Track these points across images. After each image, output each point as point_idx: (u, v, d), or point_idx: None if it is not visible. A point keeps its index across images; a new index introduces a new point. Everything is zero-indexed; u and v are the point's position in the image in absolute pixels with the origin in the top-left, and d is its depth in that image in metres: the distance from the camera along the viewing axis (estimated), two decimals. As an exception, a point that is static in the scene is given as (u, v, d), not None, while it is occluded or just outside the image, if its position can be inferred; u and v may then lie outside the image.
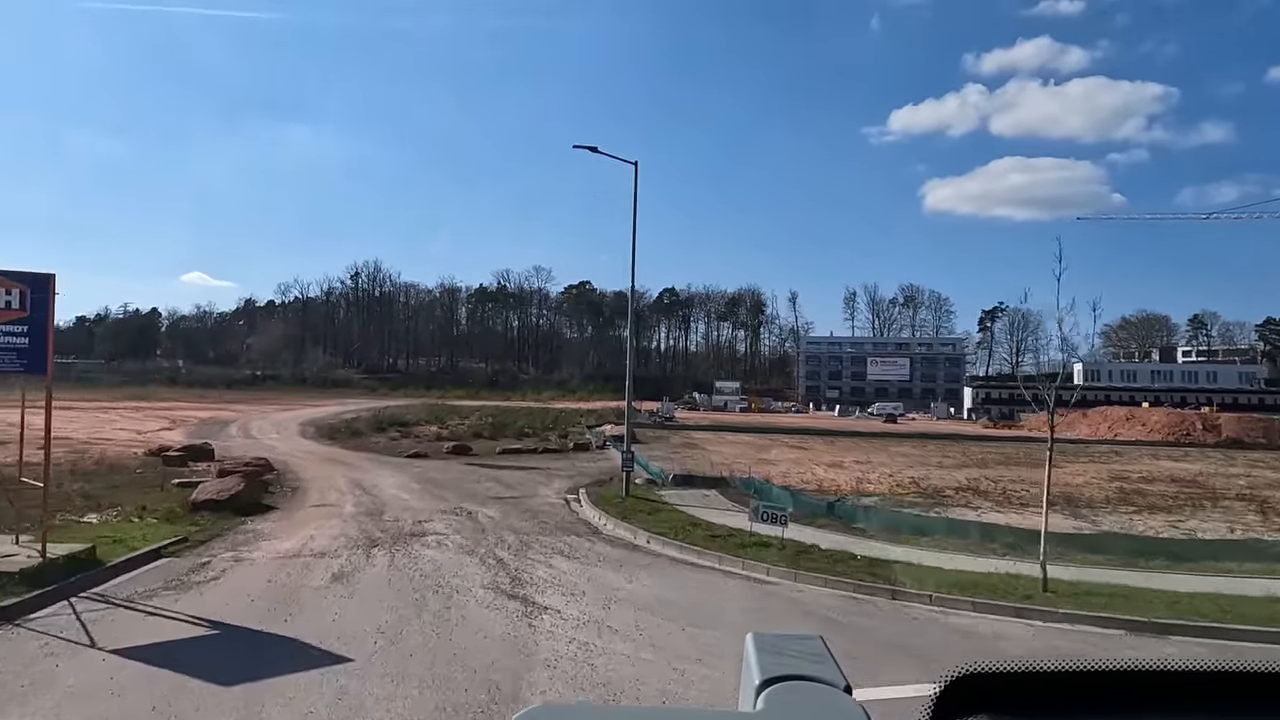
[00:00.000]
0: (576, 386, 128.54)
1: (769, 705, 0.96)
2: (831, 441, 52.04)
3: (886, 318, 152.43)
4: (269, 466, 26.94)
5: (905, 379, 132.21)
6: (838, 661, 1.06)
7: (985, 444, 54.75)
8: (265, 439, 40.10)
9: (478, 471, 29.68)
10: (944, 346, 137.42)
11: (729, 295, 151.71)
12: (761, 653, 1.06)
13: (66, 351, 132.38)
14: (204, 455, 29.26)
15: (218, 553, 14.66)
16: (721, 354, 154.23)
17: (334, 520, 18.15)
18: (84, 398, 73.68)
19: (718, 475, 27.87)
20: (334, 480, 24.98)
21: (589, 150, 22.62)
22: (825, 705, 0.97)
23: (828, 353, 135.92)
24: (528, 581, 13.05)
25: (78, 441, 35.16)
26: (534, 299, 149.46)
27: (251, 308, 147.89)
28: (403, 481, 25.35)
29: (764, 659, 1.05)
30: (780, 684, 0.99)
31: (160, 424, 46.46)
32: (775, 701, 0.96)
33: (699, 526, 18.25)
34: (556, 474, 29.59)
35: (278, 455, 32.17)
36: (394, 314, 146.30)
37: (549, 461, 34.91)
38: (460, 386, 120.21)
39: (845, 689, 1.00)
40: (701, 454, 41.22)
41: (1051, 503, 26.35)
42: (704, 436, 53.56)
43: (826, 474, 32.74)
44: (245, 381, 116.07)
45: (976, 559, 15.61)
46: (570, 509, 21.43)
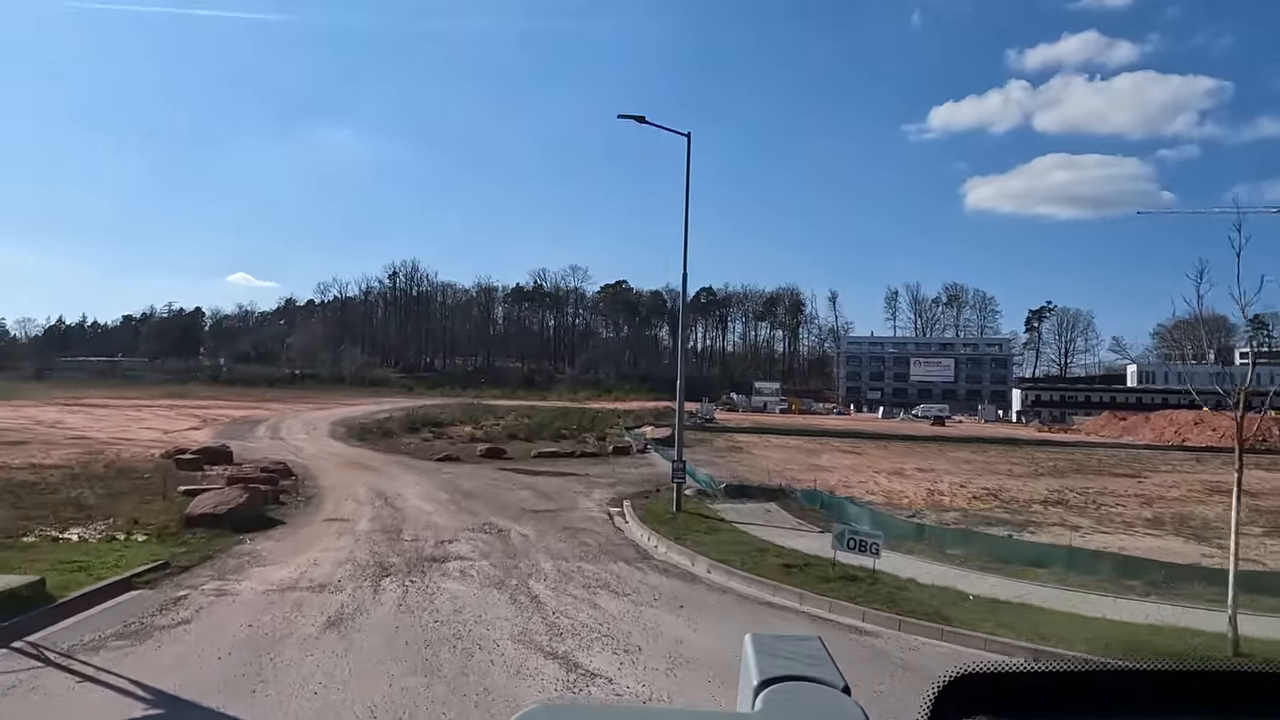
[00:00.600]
0: (612, 386, 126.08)
1: (767, 706, 0.95)
2: (884, 446, 48.66)
3: (929, 318, 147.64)
4: (286, 471, 24.63)
5: (949, 380, 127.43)
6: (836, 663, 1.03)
7: (1048, 449, 50.90)
8: (293, 439, 38.02)
9: (511, 478, 27.08)
10: (990, 347, 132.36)
11: (767, 295, 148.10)
12: (760, 653, 1.05)
13: (113, 350, 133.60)
14: (221, 458, 27.09)
15: (200, 583, 12.13)
16: (759, 354, 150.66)
17: (345, 539, 15.60)
18: (123, 395, 73.04)
19: (775, 485, 24.90)
20: (354, 488, 22.52)
21: (636, 120, 19.86)
22: (824, 706, 0.96)
23: (869, 353, 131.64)
24: (568, 630, 10.31)
25: (98, 441, 33.39)
26: (570, 298, 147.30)
27: (292, 307, 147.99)
28: (429, 490, 22.81)
29: (762, 659, 1.04)
30: (779, 684, 0.98)
31: (190, 423, 44.74)
32: (774, 702, 0.95)
33: (767, 552, 15.36)
34: (596, 482, 26.88)
35: (301, 458, 29.93)
36: (431, 313, 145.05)
37: (588, 467, 32.24)
38: (496, 386, 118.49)
39: (844, 689, 0.98)
40: (748, 459, 38.25)
41: (1161, 522, 23.13)
42: (748, 439, 50.51)
43: (890, 483, 29.58)
44: (285, 380, 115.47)
45: (1118, 601, 12.51)
46: (614, 526, 18.66)
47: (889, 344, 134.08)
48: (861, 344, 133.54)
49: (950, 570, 14.32)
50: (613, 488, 25.53)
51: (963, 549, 16.00)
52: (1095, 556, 14.86)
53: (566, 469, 31.20)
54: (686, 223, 20.58)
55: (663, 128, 20.18)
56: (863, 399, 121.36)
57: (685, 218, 20.57)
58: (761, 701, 0.96)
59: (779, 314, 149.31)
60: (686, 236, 20.62)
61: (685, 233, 20.59)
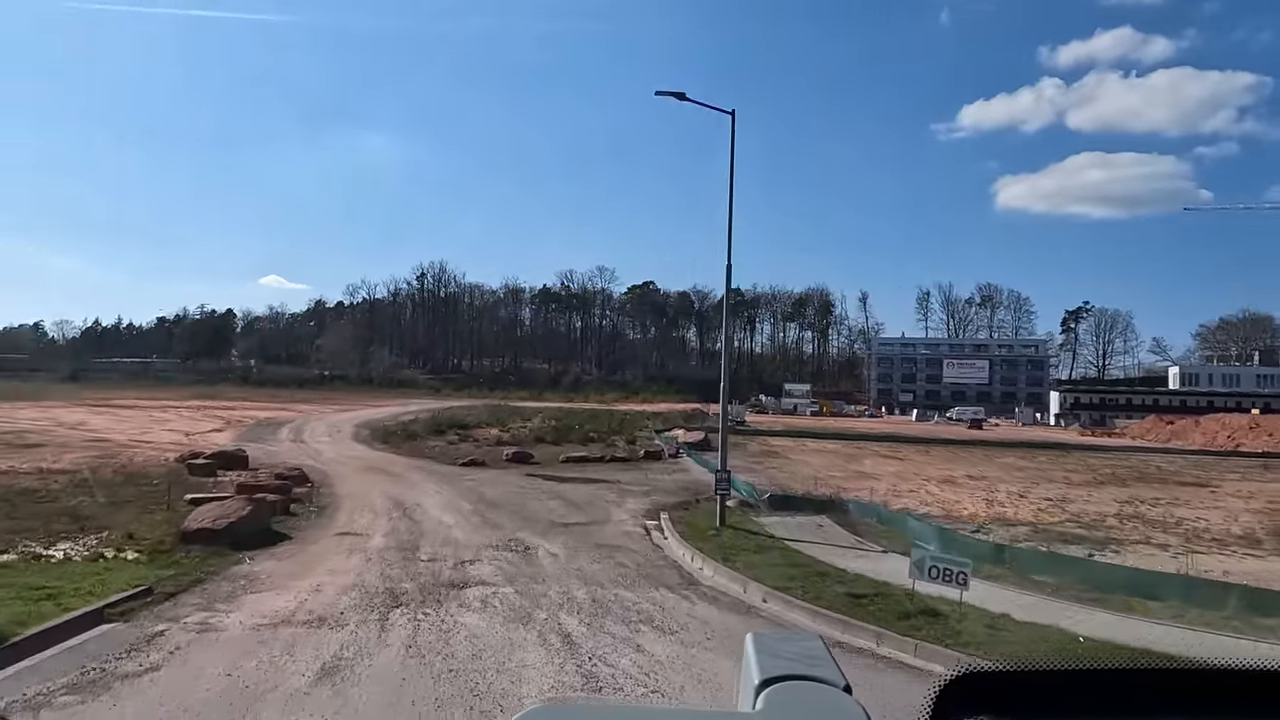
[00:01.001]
0: (639, 388, 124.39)
1: (768, 705, 0.94)
2: (926, 450, 46.30)
3: (962, 318, 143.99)
4: (302, 478, 23.10)
5: (984, 382, 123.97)
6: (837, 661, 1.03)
7: (1100, 455, 48.16)
8: (314, 442, 36.67)
9: (539, 485, 25.35)
10: (1025, 348, 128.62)
11: (795, 296, 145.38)
12: (760, 653, 1.04)
13: (148, 351, 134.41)
14: (236, 463, 25.65)
15: (183, 614, 10.48)
16: (788, 356, 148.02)
17: (355, 558, 13.92)
18: (153, 396, 72.60)
19: (823, 496, 22.88)
20: (371, 497, 20.90)
21: (677, 97, 18.02)
22: (825, 705, 0.95)
23: (901, 354, 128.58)
24: (609, 682, 8.48)
25: (116, 444, 32.26)
26: (597, 299, 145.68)
27: (322, 309, 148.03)
28: (451, 499, 21.13)
29: (763, 659, 1.02)
30: (779, 684, 0.97)
31: (213, 425, 43.66)
32: (775, 701, 0.94)
33: (828, 577, 13.40)
34: (629, 490, 25.07)
35: (319, 462, 28.47)
36: (458, 315, 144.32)
37: (619, 473, 30.44)
38: (523, 387, 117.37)
39: (845, 688, 0.97)
40: (787, 464, 36.25)
41: (1256, 540, 20.77)
42: (783, 443, 48.40)
43: (943, 493, 27.43)
44: (314, 381, 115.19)
45: (1259, 646, 10.42)
46: (653, 542, 16.82)
47: (921, 345, 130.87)
48: (893, 345, 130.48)
49: (1044, 602, 12.27)
50: (647, 497, 23.71)
51: (1051, 575, 13.90)
52: (1218, 587, 12.68)
53: (597, 475, 29.42)
54: (731, 207, 18.72)
55: (705, 105, 18.36)
56: (894, 401, 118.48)
57: (730, 201, 18.71)
58: (763, 701, 0.95)
59: (808, 315, 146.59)
60: (731, 221, 18.77)
61: (730, 217, 18.73)
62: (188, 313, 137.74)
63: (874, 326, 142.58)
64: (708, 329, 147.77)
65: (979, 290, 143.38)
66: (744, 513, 20.27)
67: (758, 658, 1.03)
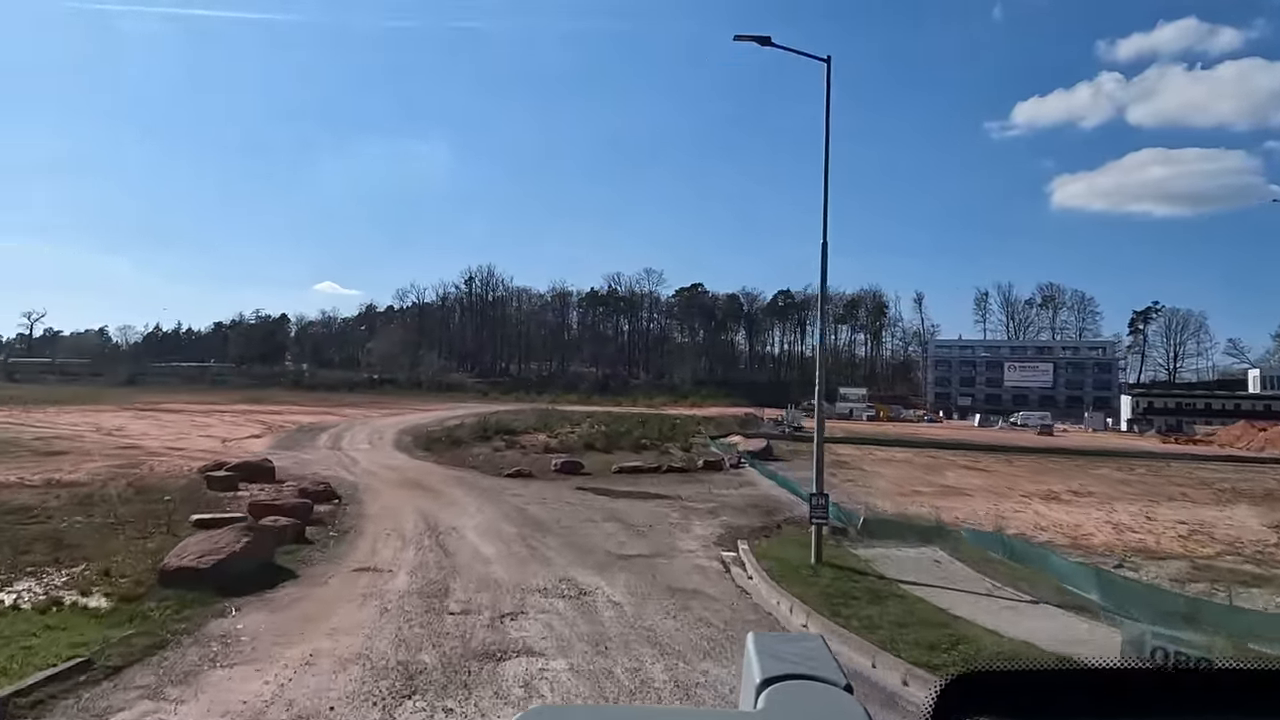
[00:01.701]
0: (688, 392, 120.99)
1: (769, 704, 0.94)
2: (1008, 460, 42.01)
3: (1022, 320, 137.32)
4: (328, 493, 20.38)
5: (1047, 386, 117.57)
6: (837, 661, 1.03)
7: (1200, 465, 43.26)
8: (352, 450, 34.17)
9: (591, 502, 22.24)
10: (1091, 350, 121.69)
11: (848, 297, 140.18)
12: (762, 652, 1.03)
13: (206, 356, 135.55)
14: (260, 475, 23.11)
15: (115, 707, 7.56)
16: (840, 358, 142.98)
17: (368, 609, 10.92)
18: (204, 400, 71.68)
19: (925, 520, 19.31)
20: (402, 518, 17.99)
21: (759, 42, 14.74)
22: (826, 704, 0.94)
23: (959, 357, 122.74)
24: None
25: (145, 451, 30.12)
26: (644, 302, 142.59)
27: (372, 313, 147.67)
28: (492, 521, 18.11)
29: (764, 659, 1.02)
30: (780, 683, 0.97)
31: (253, 430, 41.62)
32: (775, 701, 0.94)
33: (979, 644, 9.97)
34: (693, 508, 21.81)
35: (353, 474, 25.82)
36: (506, 318, 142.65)
37: (678, 485, 27.20)
38: (571, 391, 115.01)
39: (845, 688, 0.97)
40: (862, 476, 32.58)
41: None
42: (848, 452, 44.50)
43: (1054, 513, 23.56)
44: (364, 385, 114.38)
45: None
46: (735, 583, 13.53)
47: (980, 347, 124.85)
48: (950, 347, 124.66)
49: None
50: (715, 517, 20.42)
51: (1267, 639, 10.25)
52: None
53: (654, 488, 26.25)
54: (826, 169, 15.31)
55: (794, 50, 14.98)
56: (952, 405, 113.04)
57: (825, 162, 15.30)
58: (764, 700, 0.94)
59: (860, 317, 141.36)
60: (826, 187, 15.34)
61: (825, 181, 15.31)
62: (243, 318, 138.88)
63: (929, 328, 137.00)
64: (757, 332, 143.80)
65: (1040, 290, 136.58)
66: (836, 541, 16.80)
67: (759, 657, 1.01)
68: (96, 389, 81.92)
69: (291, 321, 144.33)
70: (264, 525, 14.07)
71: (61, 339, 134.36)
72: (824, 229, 15.38)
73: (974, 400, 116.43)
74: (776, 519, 20.44)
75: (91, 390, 79.05)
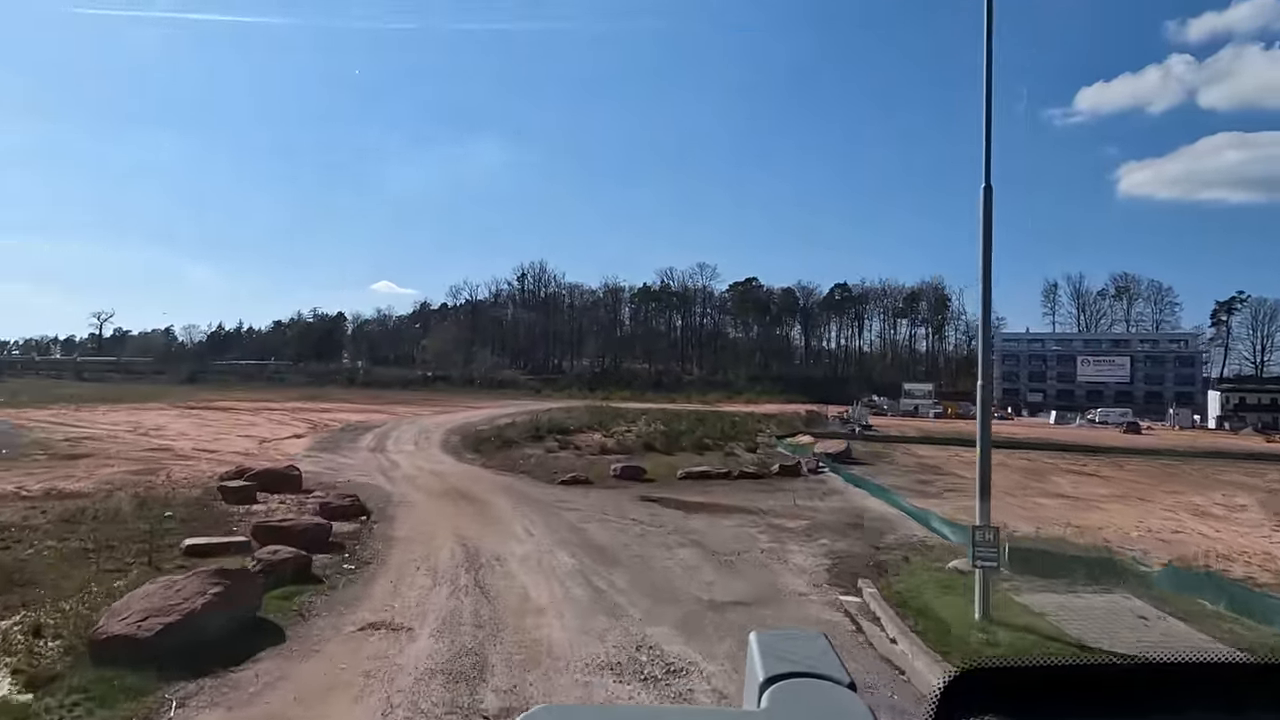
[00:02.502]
0: (743, 388, 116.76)
1: (773, 703, 0.92)
2: (1118, 464, 37.01)
3: (1095, 311, 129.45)
4: (355, 508, 17.17)
5: (1124, 380, 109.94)
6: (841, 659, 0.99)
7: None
8: (395, 452, 31.20)
9: (660, 518, 18.61)
10: (1172, 343, 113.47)
11: (907, 290, 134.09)
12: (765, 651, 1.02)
13: (266, 354, 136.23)
14: (284, 484, 20.04)
15: None
16: (899, 354, 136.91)
17: (373, 696, 7.48)
18: (257, 397, 70.28)
19: (1092, 551, 15.14)
20: (437, 543, 14.59)
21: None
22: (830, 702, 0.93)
23: (1028, 351, 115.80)
24: None
25: (174, 454, 27.55)
26: (698, 297, 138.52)
27: (427, 311, 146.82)
28: (545, 548, 14.58)
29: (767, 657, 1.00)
30: (784, 681, 0.95)
31: (295, 430, 39.10)
32: (779, 699, 0.92)
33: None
34: (782, 526, 18.04)
35: (390, 481, 22.69)
36: (559, 315, 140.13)
37: (756, 495, 23.42)
38: (623, 388, 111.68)
39: (849, 686, 0.95)
40: (960, 483, 28.28)
41: None
42: (932, 453, 40.03)
43: (1221, 534, 19.08)
44: (418, 382, 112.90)
45: None
46: (876, 651, 9.71)
47: (1051, 341, 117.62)
48: (1018, 341, 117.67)
49: None
50: (811, 539, 16.61)
51: None
52: None
53: (729, 499, 22.52)
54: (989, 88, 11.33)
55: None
56: (1021, 402, 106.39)
57: (987, 89, 11.32)
58: (767, 699, 0.92)
59: (920, 310, 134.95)
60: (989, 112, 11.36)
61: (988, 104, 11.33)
62: (301, 316, 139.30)
63: (995, 321, 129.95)
64: (813, 326, 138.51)
65: (1113, 281, 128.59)
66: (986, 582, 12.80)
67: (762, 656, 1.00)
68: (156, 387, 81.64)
69: (348, 320, 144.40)
70: (248, 569, 10.73)
71: (130, 339, 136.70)
72: (986, 166, 11.38)
73: (1045, 396, 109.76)
74: (889, 542, 16.52)
75: (150, 388, 78.64)
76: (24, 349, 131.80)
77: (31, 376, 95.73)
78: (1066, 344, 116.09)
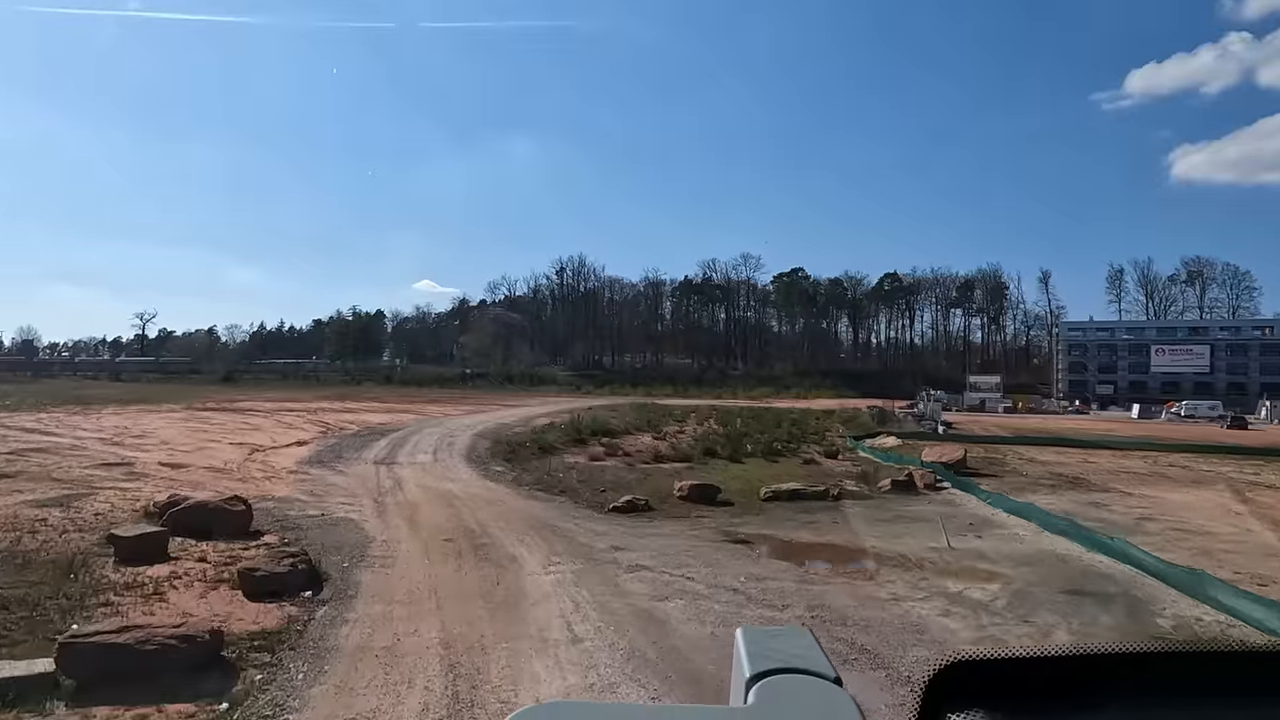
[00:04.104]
0: (790, 383, 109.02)
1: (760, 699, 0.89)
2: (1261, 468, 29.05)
3: (1164, 298, 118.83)
4: (301, 575, 10.57)
5: (1204, 371, 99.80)
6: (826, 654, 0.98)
7: None
8: (406, 464, 24.74)
9: (768, 582, 11.66)
10: (1256, 330, 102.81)
11: (961, 278, 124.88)
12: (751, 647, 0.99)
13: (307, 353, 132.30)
14: (222, 524, 13.56)
15: None
16: (952, 345, 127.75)
17: None
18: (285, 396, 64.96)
19: None
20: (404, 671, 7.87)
21: None
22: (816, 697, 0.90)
23: (1096, 340, 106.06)
24: None
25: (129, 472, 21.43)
26: (741, 290, 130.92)
27: (465, 308, 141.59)
28: (602, 677, 7.79)
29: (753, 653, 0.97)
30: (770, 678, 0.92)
31: (304, 434, 32.95)
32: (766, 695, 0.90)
33: None
34: (964, 595, 11.07)
35: (382, 512, 16.13)
36: (598, 309, 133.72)
37: (880, 528, 16.42)
38: (666, 383, 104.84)
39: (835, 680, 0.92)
40: (1130, 503, 20.82)
41: None
42: (1051, 459, 32.29)
43: None
44: (456, 380, 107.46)
45: None
46: None
47: (1121, 329, 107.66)
48: (1086, 330, 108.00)
49: None
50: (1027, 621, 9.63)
51: None
52: None
53: (847, 537, 15.62)
54: None
55: None
56: (1090, 394, 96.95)
57: None
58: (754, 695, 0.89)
59: (975, 299, 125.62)
60: None
61: None
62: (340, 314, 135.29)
63: (1055, 309, 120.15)
64: (861, 318, 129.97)
65: (1185, 265, 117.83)
66: None
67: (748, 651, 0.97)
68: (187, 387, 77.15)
69: (388, 318, 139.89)
70: None
71: (174, 339, 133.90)
72: None
73: (1115, 389, 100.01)
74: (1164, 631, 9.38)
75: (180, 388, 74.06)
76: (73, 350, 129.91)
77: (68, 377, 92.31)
78: (1138, 332, 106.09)
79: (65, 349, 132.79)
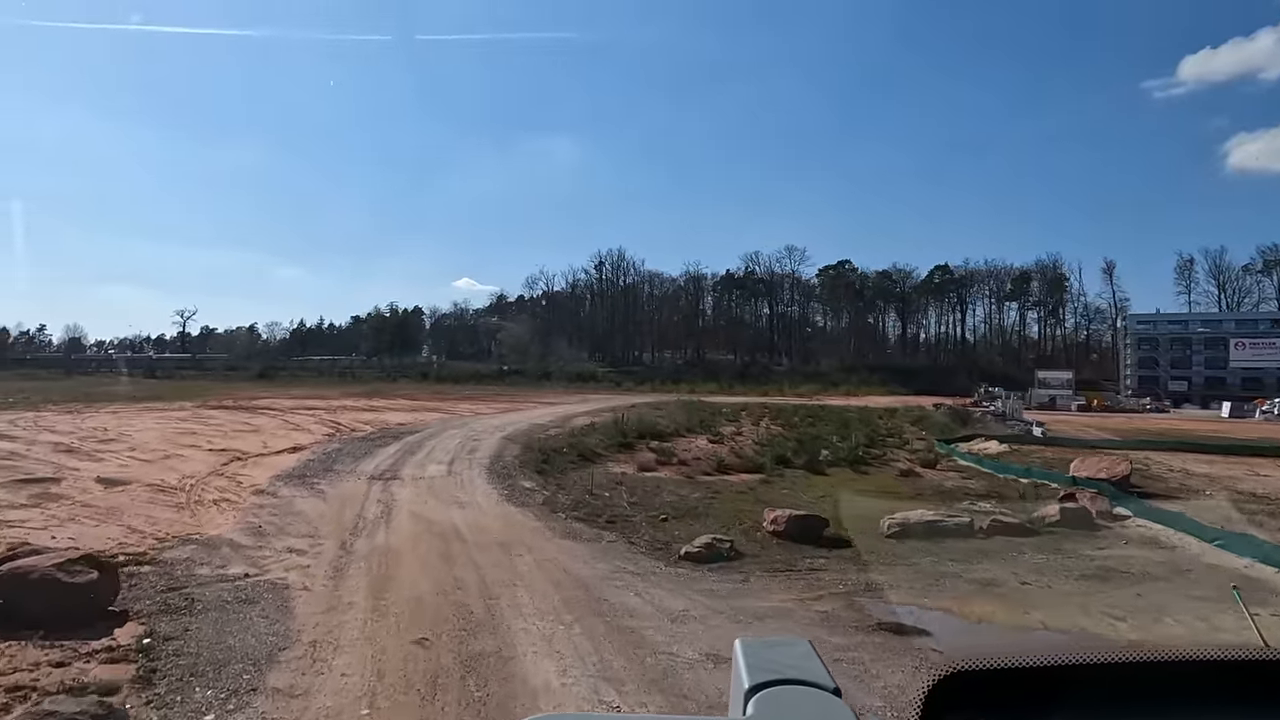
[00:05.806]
0: (838, 379, 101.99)
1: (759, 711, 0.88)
2: None
3: (1238, 288, 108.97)
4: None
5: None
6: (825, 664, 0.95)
7: None
8: (409, 480, 19.02)
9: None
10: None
11: (1017, 270, 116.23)
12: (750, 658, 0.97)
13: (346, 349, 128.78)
14: (63, 604, 7.91)
15: None
16: (1007, 339, 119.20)
17: None
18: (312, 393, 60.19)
19: None
20: None
21: None
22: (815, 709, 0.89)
23: (1168, 334, 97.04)
24: None
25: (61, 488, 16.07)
26: (785, 283, 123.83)
27: (503, 304, 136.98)
28: None
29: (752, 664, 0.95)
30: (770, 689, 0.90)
31: (304, 438, 27.54)
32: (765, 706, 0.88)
33: None
34: None
35: (337, 571, 10.28)
36: (638, 304, 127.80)
37: (1103, 594, 10.16)
38: (709, 380, 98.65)
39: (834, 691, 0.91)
40: None
41: None
42: (1202, 470, 25.54)
43: None
44: (493, 376, 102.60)
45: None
46: None
47: (1195, 322, 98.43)
48: (1156, 322, 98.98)
49: None
50: None
51: None
52: None
53: (1074, 618, 9.41)
54: None
55: None
56: (1161, 390, 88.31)
57: None
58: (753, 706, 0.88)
59: (1032, 292, 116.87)
60: None
61: None
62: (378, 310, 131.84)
63: (1120, 301, 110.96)
64: (910, 312, 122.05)
65: (1262, 254, 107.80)
66: None
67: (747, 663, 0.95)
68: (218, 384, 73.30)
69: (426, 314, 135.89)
70: None
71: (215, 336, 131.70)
72: None
73: (1189, 385, 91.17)
74: None
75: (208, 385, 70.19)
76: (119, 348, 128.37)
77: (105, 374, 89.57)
78: (1215, 325, 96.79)
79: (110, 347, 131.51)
